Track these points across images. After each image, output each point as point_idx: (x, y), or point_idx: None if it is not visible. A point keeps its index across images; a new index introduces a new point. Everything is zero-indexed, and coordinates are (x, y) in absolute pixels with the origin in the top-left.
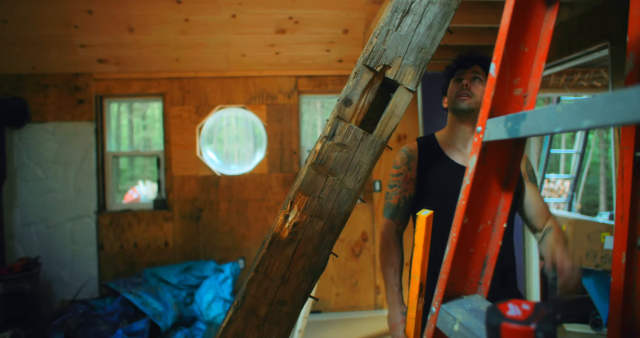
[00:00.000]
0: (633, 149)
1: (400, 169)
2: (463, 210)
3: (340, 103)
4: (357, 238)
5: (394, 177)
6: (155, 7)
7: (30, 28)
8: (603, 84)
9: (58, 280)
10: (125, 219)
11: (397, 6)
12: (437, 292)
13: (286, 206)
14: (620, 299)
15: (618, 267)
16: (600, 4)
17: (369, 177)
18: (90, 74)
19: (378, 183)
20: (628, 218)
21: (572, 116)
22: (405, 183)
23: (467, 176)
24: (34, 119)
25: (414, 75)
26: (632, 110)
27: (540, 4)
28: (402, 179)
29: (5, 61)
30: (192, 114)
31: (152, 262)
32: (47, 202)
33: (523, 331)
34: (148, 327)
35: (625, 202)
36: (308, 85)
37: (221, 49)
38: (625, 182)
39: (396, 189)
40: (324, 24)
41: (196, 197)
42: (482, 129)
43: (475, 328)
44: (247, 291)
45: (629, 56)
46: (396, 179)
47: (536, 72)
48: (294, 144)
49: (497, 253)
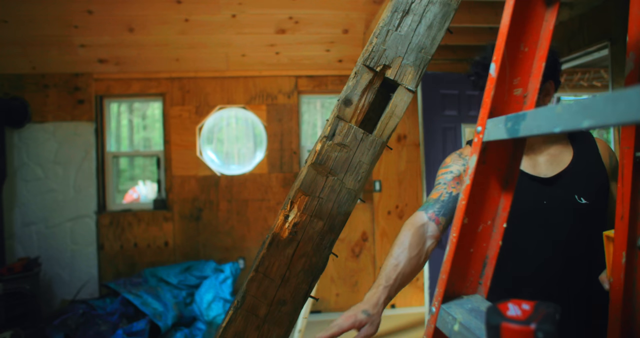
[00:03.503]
0: (633, 148)
1: (451, 168)
2: (463, 210)
3: (340, 103)
4: (357, 238)
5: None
6: (155, 7)
7: (30, 28)
8: (603, 84)
9: (58, 280)
10: (125, 219)
11: (397, 6)
12: (437, 292)
13: (286, 206)
14: (621, 299)
15: (618, 267)
16: (600, 4)
17: (369, 177)
18: (90, 74)
19: (378, 183)
20: (628, 218)
21: (572, 116)
22: (454, 182)
23: (467, 176)
24: (34, 119)
25: (414, 75)
26: (632, 110)
27: (540, 4)
28: (450, 177)
29: (5, 61)
30: (192, 114)
31: (152, 262)
32: (47, 202)
33: (523, 331)
34: (148, 327)
35: (625, 202)
36: (308, 85)
37: (221, 49)
38: (625, 182)
39: (439, 186)
40: (324, 24)
41: (196, 197)
42: (482, 129)
43: (475, 328)
44: (247, 291)
45: (629, 56)
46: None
47: (536, 72)
48: (294, 144)
49: (497, 253)
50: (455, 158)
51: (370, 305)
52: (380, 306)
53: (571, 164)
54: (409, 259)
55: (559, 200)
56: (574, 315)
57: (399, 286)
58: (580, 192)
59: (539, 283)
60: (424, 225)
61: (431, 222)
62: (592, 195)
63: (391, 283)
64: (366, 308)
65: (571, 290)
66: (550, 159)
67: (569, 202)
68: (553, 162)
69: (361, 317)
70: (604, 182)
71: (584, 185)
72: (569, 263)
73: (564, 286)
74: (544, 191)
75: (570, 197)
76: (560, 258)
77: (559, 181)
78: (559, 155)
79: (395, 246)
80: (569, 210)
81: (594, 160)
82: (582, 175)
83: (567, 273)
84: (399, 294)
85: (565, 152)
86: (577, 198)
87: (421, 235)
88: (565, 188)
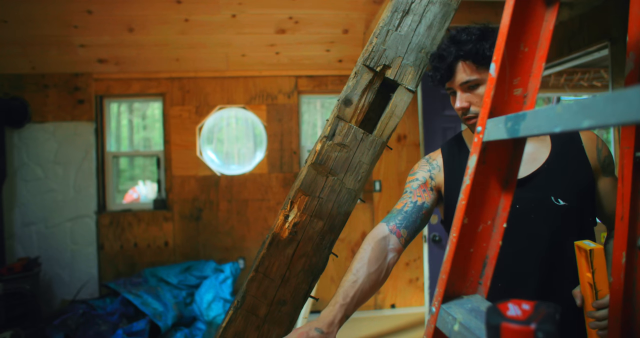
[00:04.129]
0: (633, 148)
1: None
2: (463, 210)
3: (340, 103)
4: (357, 238)
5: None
6: (155, 7)
7: (30, 28)
8: (603, 84)
9: (58, 280)
10: (125, 219)
11: (397, 6)
12: (437, 292)
13: (286, 206)
14: (621, 299)
15: (618, 267)
16: (600, 4)
17: (369, 177)
18: (90, 74)
19: (378, 184)
20: (628, 218)
21: (572, 116)
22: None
23: (467, 176)
24: (34, 119)
25: (414, 75)
26: (632, 110)
27: (540, 4)
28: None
29: (5, 61)
30: (192, 114)
31: (152, 262)
32: (47, 202)
33: (523, 331)
34: (148, 327)
35: (625, 202)
36: (308, 85)
37: (221, 49)
38: (625, 182)
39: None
40: (324, 24)
41: (196, 197)
42: (482, 129)
43: (475, 328)
44: (247, 291)
45: (629, 56)
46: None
47: (536, 72)
48: (294, 144)
49: (497, 253)
50: (422, 164)
51: (324, 323)
52: (336, 326)
53: (546, 161)
54: (368, 275)
55: (533, 203)
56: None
57: (356, 303)
58: (557, 192)
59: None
60: (385, 237)
61: (392, 235)
62: (571, 195)
63: (348, 301)
64: (319, 326)
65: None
66: (525, 157)
67: (545, 205)
68: (527, 161)
69: (313, 335)
70: (588, 180)
71: (562, 184)
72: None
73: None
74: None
75: (546, 199)
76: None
77: (532, 182)
78: (535, 152)
79: (355, 261)
80: (545, 213)
81: (575, 156)
82: (559, 173)
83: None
84: (399, 294)
85: (542, 148)
86: (553, 200)
87: (382, 249)
88: (540, 189)
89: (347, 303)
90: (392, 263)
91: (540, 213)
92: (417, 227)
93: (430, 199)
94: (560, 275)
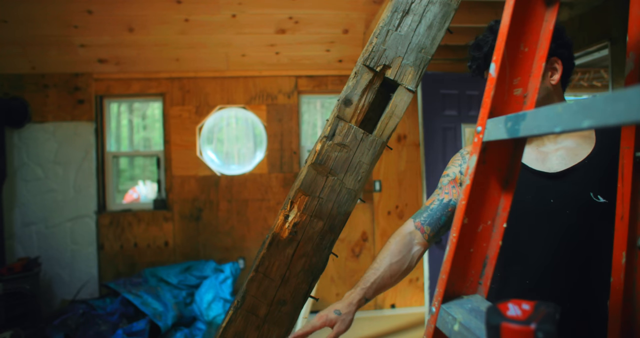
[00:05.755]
0: (633, 148)
1: (449, 170)
2: (463, 210)
3: (340, 103)
4: (357, 238)
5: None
6: (155, 7)
7: (30, 28)
8: (603, 84)
9: (58, 280)
10: (125, 219)
11: (397, 6)
12: (437, 292)
13: (286, 206)
14: (621, 299)
15: (618, 267)
16: (600, 4)
17: (369, 177)
18: (90, 74)
19: (378, 183)
20: (628, 218)
21: (572, 116)
22: (450, 186)
23: (467, 176)
24: (34, 119)
25: (414, 75)
26: (632, 110)
27: (540, 4)
28: (446, 181)
29: (5, 61)
30: (192, 114)
31: (152, 262)
32: (47, 202)
33: (523, 331)
34: (148, 327)
35: (625, 202)
36: (308, 85)
37: (221, 49)
38: (625, 182)
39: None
40: (324, 24)
41: (196, 197)
42: (482, 129)
43: (475, 328)
44: (247, 291)
45: (629, 56)
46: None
47: (536, 72)
48: (294, 144)
49: (497, 253)
50: (456, 158)
51: (343, 304)
52: (354, 306)
53: (589, 156)
54: (390, 265)
55: (569, 197)
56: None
57: (376, 289)
58: (597, 188)
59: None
60: (411, 233)
61: (417, 231)
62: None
63: (368, 286)
64: (338, 308)
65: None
66: (564, 153)
67: (583, 201)
68: (567, 155)
69: (332, 316)
70: None
71: (604, 181)
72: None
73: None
74: (550, 187)
75: (585, 195)
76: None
77: (570, 176)
78: (576, 148)
79: (380, 252)
80: (581, 209)
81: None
82: (602, 169)
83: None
84: (398, 294)
85: (585, 145)
86: (592, 196)
87: (406, 243)
88: (578, 184)
89: (367, 287)
90: (417, 255)
91: (576, 209)
92: (442, 224)
93: (458, 195)
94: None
